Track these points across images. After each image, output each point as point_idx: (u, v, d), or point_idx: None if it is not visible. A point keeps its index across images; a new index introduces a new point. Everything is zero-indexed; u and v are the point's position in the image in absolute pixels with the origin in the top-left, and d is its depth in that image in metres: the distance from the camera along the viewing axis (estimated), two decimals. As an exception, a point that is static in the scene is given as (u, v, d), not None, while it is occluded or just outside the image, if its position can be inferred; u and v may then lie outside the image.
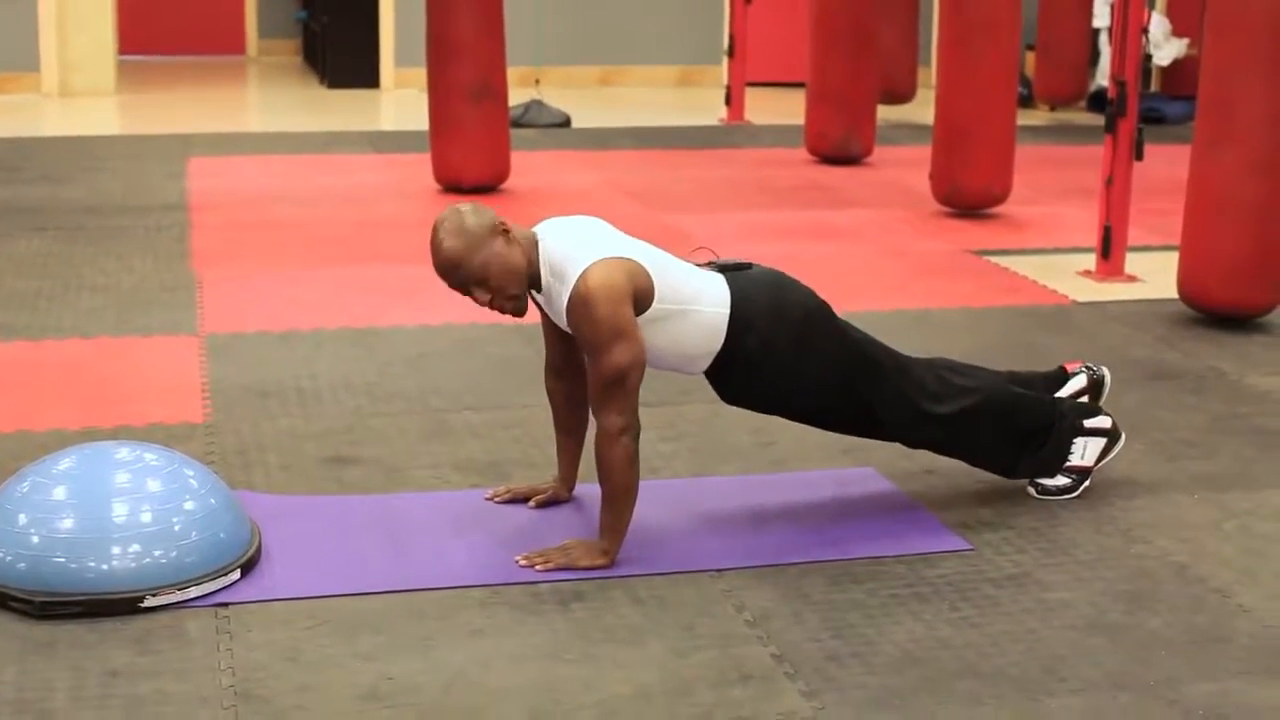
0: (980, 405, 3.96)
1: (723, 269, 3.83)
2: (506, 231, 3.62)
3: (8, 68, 11.92)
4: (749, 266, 3.86)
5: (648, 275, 3.64)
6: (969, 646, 3.31)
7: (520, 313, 3.71)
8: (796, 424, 4.52)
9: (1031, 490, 4.11)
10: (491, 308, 3.67)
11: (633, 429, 3.58)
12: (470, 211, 3.63)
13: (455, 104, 7.96)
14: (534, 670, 3.17)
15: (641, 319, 3.62)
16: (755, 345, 3.74)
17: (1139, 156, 6.52)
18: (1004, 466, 4.11)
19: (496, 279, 3.61)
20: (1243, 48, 5.61)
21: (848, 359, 3.84)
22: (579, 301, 3.55)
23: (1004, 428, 4.02)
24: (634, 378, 3.56)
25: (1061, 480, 4.11)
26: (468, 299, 3.70)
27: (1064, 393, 4.23)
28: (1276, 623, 3.46)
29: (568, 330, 3.67)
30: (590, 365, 3.62)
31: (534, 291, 3.72)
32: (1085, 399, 4.24)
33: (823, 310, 3.85)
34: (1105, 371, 4.35)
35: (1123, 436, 4.18)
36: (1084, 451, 4.10)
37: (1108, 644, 3.34)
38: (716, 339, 3.74)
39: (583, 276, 3.55)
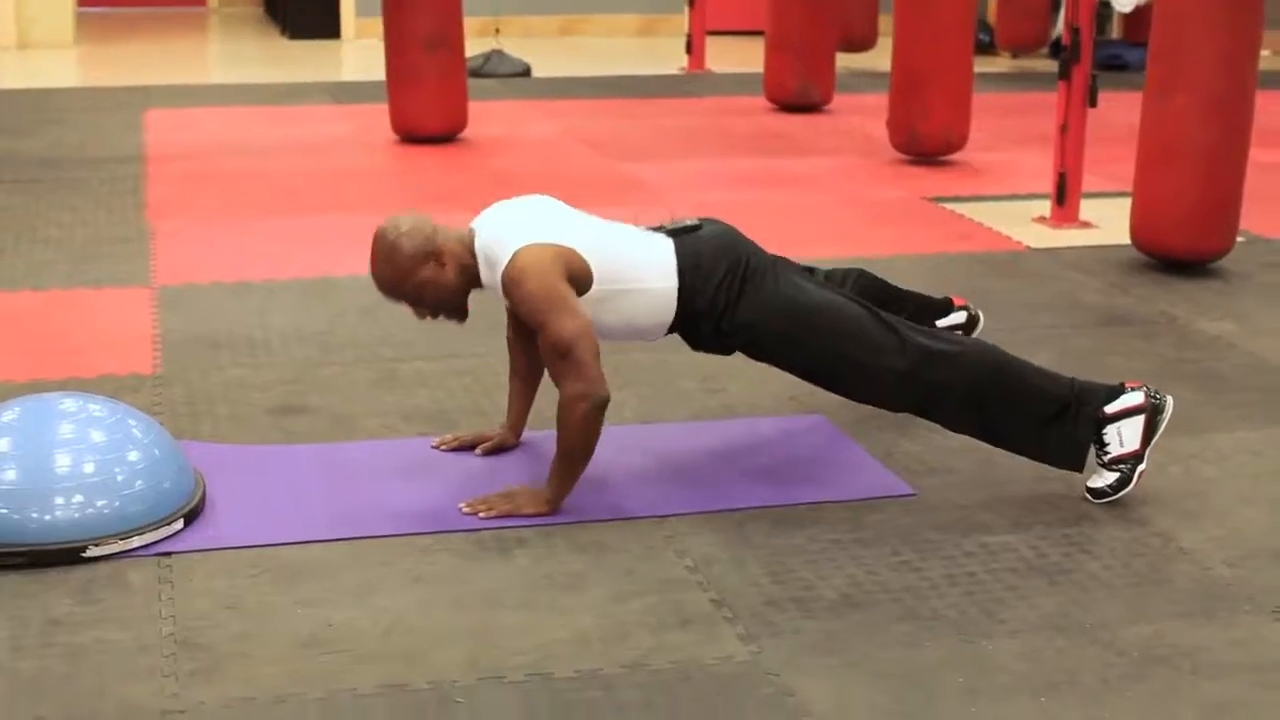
0: (958, 366, 3.71)
1: (672, 232, 3.80)
2: (438, 256, 3.66)
3: (-35, 19, 11.83)
4: (699, 227, 3.82)
5: (582, 259, 3.64)
6: (908, 590, 3.33)
7: (461, 321, 3.82)
8: (746, 372, 4.56)
9: (1089, 496, 3.76)
10: (432, 318, 3.78)
11: (592, 396, 3.53)
12: (403, 235, 3.67)
13: (411, 54, 7.92)
14: (473, 616, 3.18)
15: (586, 299, 3.63)
16: (706, 307, 3.73)
17: (1093, 103, 6.53)
18: (1000, 439, 3.80)
19: (429, 301, 3.72)
20: (1194, -8, 5.61)
21: (799, 311, 3.72)
22: (510, 284, 3.58)
23: (994, 396, 3.73)
24: (583, 347, 3.52)
25: (1109, 476, 3.75)
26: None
27: (939, 324, 4.24)
28: (1215, 565, 3.49)
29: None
30: (540, 341, 3.62)
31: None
32: (959, 334, 4.24)
33: (771, 265, 3.79)
34: (980, 313, 4.40)
35: (1168, 402, 3.80)
36: (1120, 438, 3.73)
37: (1047, 587, 3.36)
38: (667, 310, 3.74)
39: (510, 260, 3.57)
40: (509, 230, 3.65)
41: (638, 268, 3.69)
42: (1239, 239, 6.19)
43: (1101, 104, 6.77)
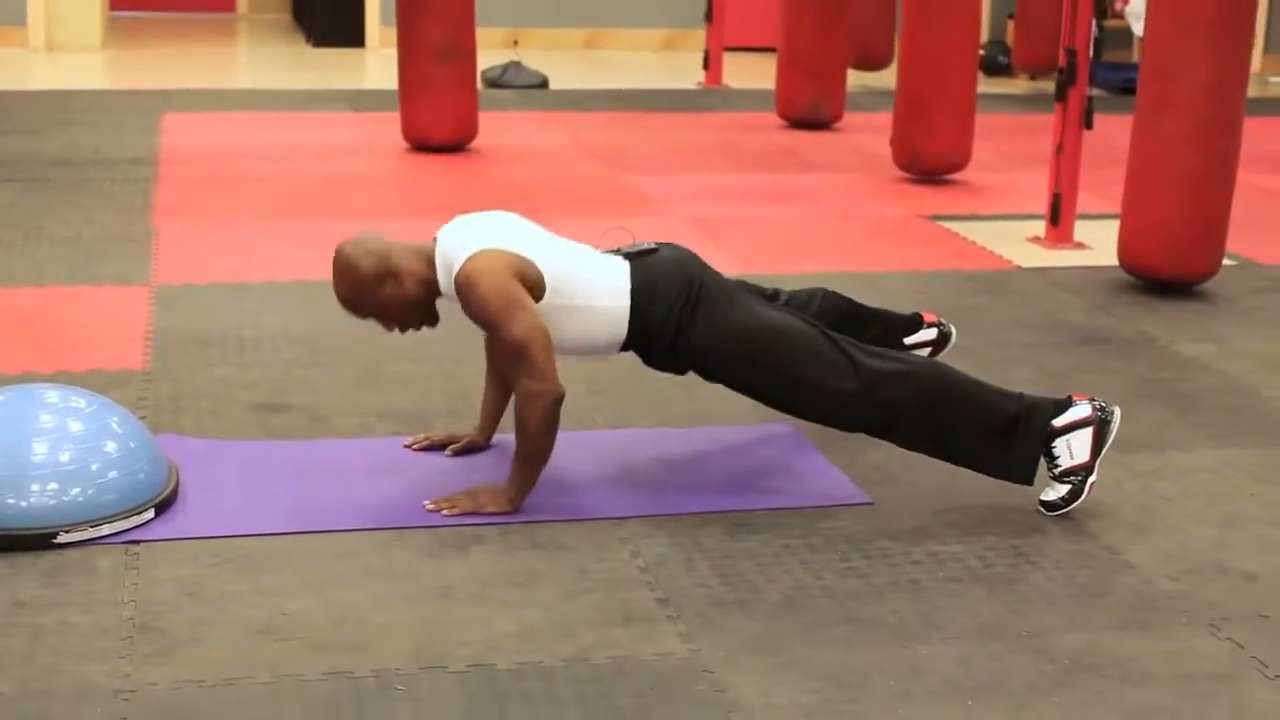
0: (909, 386, 3.79)
1: (629, 255, 3.88)
2: (395, 274, 3.77)
3: (-5, 21, 12.01)
4: (656, 250, 3.90)
5: (536, 269, 3.73)
6: (851, 595, 3.42)
7: (433, 325, 3.93)
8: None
9: (1042, 509, 3.84)
10: (401, 332, 3.89)
11: (548, 394, 3.63)
12: (359, 255, 3.78)
13: (423, 63, 8.03)
14: (425, 609, 3.28)
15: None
16: (657, 327, 3.81)
17: (1089, 125, 6.60)
18: (953, 455, 3.88)
19: (393, 315, 3.84)
20: (1184, 17, 5.67)
21: (750, 335, 3.80)
22: (462, 287, 3.67)
23: (945, 414, 3.81)
24: (537, 344, 3.63)
25: (1061, 489, 3.83)
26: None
27: (909, 340, 4.30)
28: (1157, 579, 3.56)
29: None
30: (495, 342, 3.73)
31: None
32: (928, 351, 4.32)
33: (725, 289, 3.87)
34: (952, 328, 4.42)
35: (1115, 413, 3.86)
36: (1070, 450, 3.81)
37: (988, 596, 3.44)
38: (619, 327, 3.82)
39: (462, 265, 3.68)
40: (466, 239, 3.75)
41: (592, 285, 3.78)
42: (1230, 262, 6.27)
43: (1111, 127, 6.87)
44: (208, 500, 3.77)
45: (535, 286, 3.71)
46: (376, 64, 12.13)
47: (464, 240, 3.74)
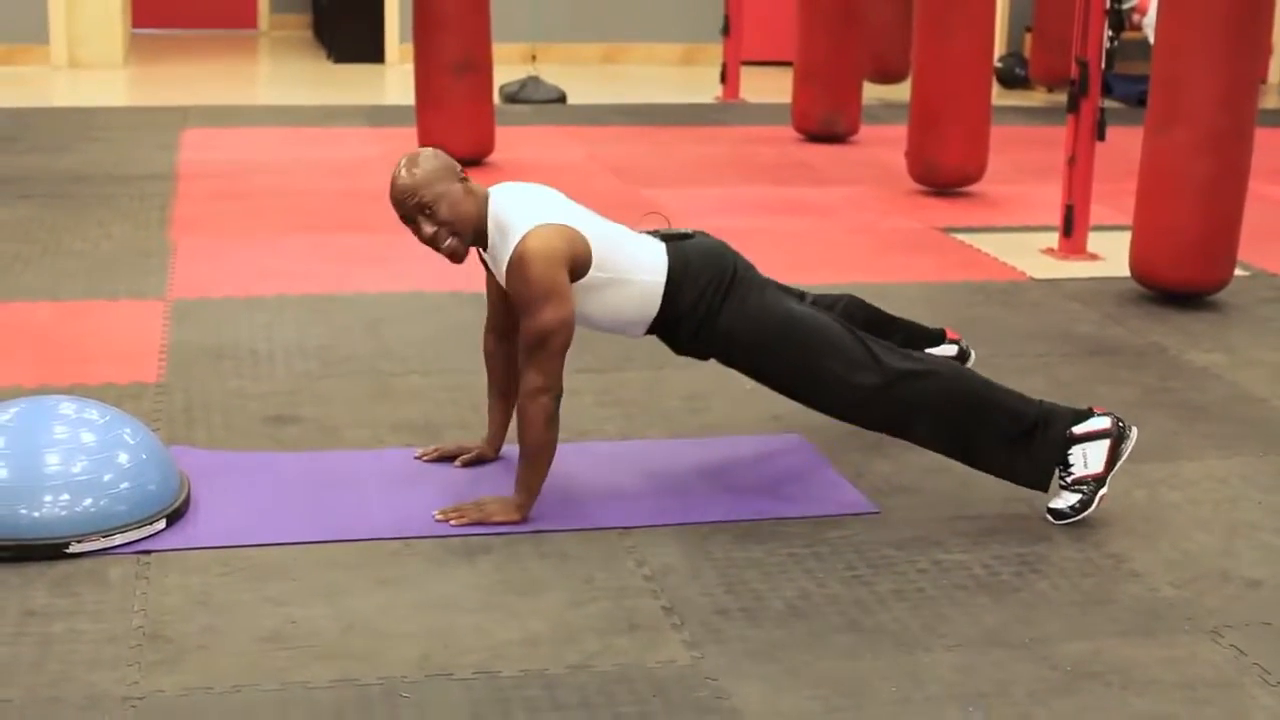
0: (930, 385, 3.83)
1: (665, 237, 3.95)
2: (465, 180, 3.80)
3: (17, 39, 12.07)
4: (691, 235, 3.98)
5: (587, 243, 3.78)
6: (856, 603, 3.43)
7: (457, 257, 3.85)
8: (730, 390, 4.66)
9: (1050, 518, 3.86)
10: (433, 244, 3.80)
11: (553, 390, 3.71)
12: (434, 154, 3.82)
13: (440, 78, 8.08)
14: (431, 618, 3.31)
15: (578, 285, 3.76)
16: (688, 309, 3.87)
17: (1101, 136, 6.61)
18: (970, 457, 3.90)
19: (444, 216, 3.77)
20: (1194, 27, 5.68)
21: (777, 324, 3.86)
22: (517, 261, 3.70)
23: (965, 415, 3.84)
24: (558, 340, 3.69)
25: (1071, 497, 3.85)
26: (429, 260, 3.90)
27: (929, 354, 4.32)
28: (1162, 586, 3.57)
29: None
30: (521, 324, 3.76)
31: (481, 250, 3.87)
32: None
33: (756, 279, 3.93)
34: (972, 351, 4.54)
35: (1133, 431, 3.90)
36: (1085, 460, 3.83)
37: (992, 603, 3.46)
38: (652, 304, 3.87)
39: (523, 238, 3.70)
40: (524, 207, 3.78)
41: (632, 259, 3.84)
42: (1242, 273, 6.27)
43: (1126, 138, 6.87)
44: (218, 511, 3.80)
45: (584, 260, 3.76)
46: (396, 79, 12.18)
47: (521, 207, 3.77)
